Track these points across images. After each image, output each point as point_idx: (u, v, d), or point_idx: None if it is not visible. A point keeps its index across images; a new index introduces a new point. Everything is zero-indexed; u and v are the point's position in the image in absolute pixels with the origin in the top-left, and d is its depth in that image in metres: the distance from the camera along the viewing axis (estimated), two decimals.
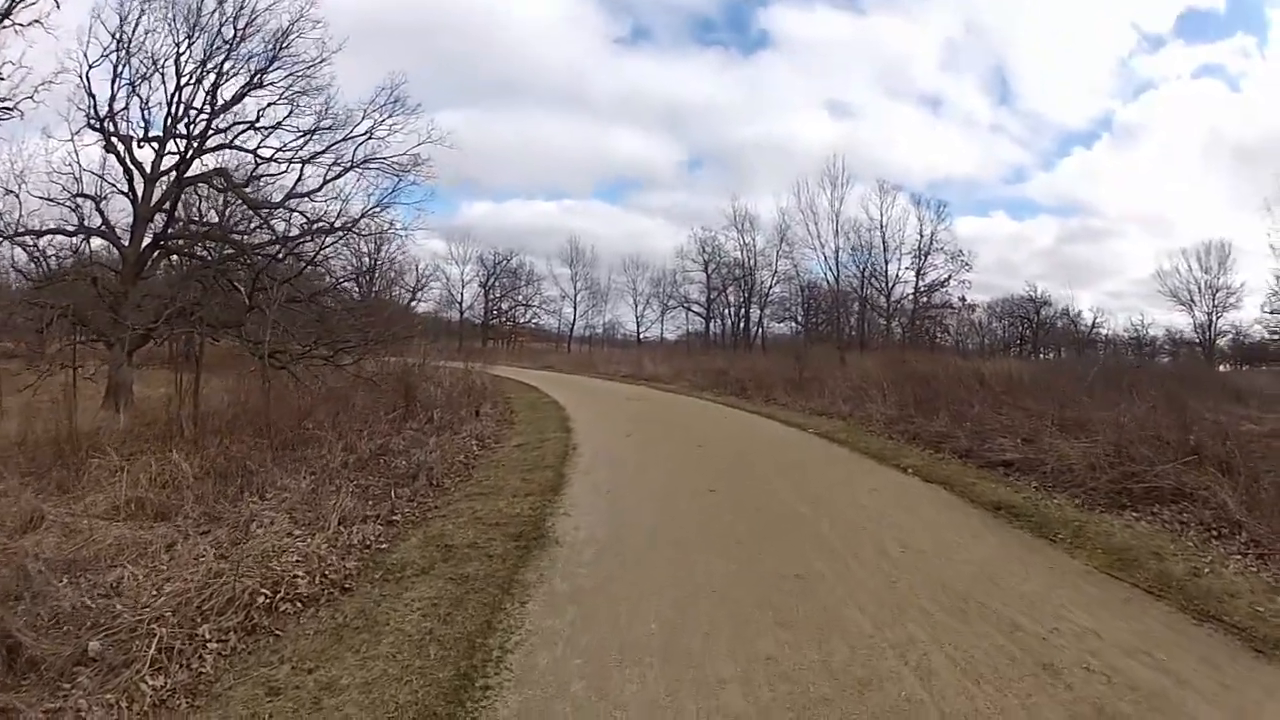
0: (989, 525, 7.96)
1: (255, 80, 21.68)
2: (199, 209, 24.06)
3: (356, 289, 48.07)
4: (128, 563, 6.17)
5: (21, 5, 18.52)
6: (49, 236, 20.32)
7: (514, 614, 5.49)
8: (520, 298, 69.35)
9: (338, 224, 22.81)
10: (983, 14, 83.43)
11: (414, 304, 57.45)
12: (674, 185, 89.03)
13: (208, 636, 5.09)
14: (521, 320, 70.26)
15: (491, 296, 68.86)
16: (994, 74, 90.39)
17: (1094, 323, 60.55)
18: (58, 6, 18.85)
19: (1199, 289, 52.17)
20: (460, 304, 66.91)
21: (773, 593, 5.87)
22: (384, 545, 7.11)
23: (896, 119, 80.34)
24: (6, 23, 18.55)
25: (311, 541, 6.85)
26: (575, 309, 67.24)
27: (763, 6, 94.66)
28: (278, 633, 5.29)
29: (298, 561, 6.36)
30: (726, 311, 63.13)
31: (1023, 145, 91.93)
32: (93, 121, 20.11)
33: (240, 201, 22.92)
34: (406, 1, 77.15)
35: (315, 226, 22.67)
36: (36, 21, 18.77)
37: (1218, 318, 52.38)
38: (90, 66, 19.91)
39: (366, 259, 53.87)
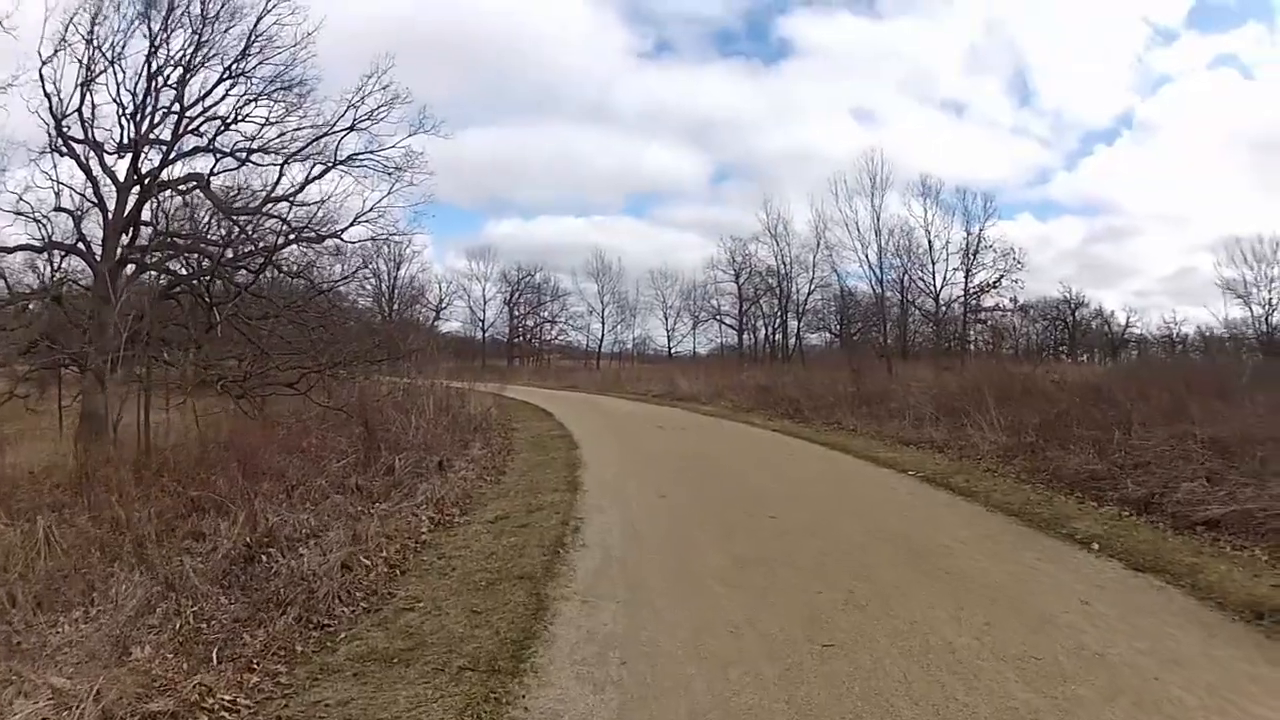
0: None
1: (229, 71, 18.73)
2: (169, 219, 21.00)
3: (377, 310, 46.36)
4: None
5: None
6: (22, 254, 18.32)
7: None
8: (546, 314, 66.08)
9: (324, 231, 19.79)
10: (1002, 13, 79.50)
11: (436, 323, 55.42)
12: (701, 198, 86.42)
13: None
14: (548, 338, 67.14)
15: (516, 314, 65.66)
16: (1015, 76, 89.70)
17: (1127, 323, 57.47)
18: None
19: (1262, 283, 48.34)
20: (483, 322, 64.15)
21: None
22: None
23: (921, 125, 76.11)
24: None
25: None
26: (603, 324, 63.78)
27: (783, 15, 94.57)
28: None
29: None
30: (760, 323, 59.61)
31: (1045, 145, 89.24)
32: (50, 127, 17.50)
33: (216, 209, 19.94)
34: (426, 18, 74.59)
35: (300, 234, 19.60)
36: None
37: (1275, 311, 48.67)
38: (43, 63, 17.16)
39: (385, 278, 52.69)
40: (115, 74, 17.85)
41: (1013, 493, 9.94)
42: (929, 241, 48.17)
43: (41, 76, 17.06)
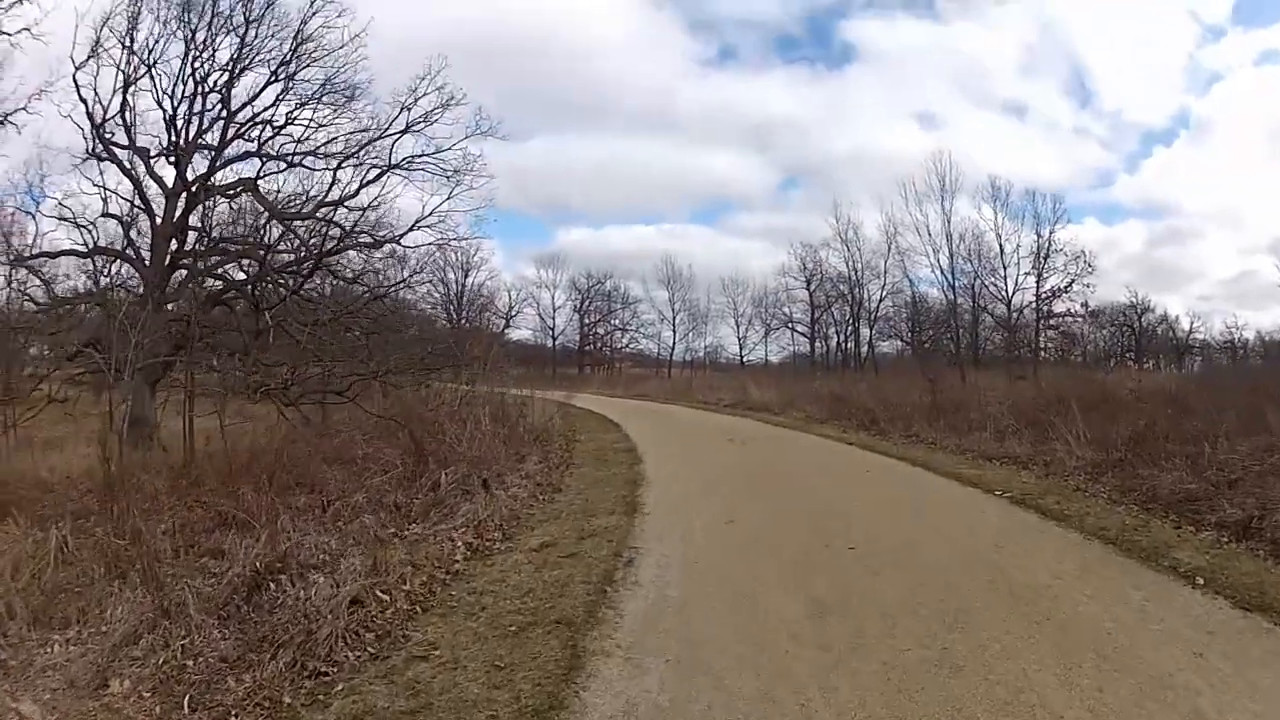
0: None
1: (276, 75, 18.49)
2: (215, 224, 20.98)
3: (444, 317, 46.51)
4: None
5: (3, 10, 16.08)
6: (68, 260, 18.71)
7: None
8: (616, 322, 65.36)
9: (380, 235, 19.59)
10: (1054, 13, 76.55)
11: (506, 330, 55.32)
12: (768, 205, 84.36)
13: None
14: (619, 346, 66.52)
15: (586, 321, 64.96)
16: (1073, 76, 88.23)
17: (1190, 328, 55.66)
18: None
19: None
20: (553, 330, 63.40)
21: None
22: None
23: (983, 127, 74.32)
24: None
25: None
26: (674, 332, 62.19)
27: (844, 20, 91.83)
28: None
29: None
30: (832, 330, 57.92)
31: (1106, 147, 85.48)
32: (86, 132, 17.31)
33: (267, 214, 19.68)
34: (484, 27, 74.25)
35: (354, 238, 19.33)
36: (25, 30, 16.27)
37: None
38: (77, 69, 16.97)
39: (453, 285, 52.91)
40: (155, 79, 17.74)
41: (1106, 516, 9.05)
42: (1000, 246, 46.64)
43: (76, 82, 16.96)
